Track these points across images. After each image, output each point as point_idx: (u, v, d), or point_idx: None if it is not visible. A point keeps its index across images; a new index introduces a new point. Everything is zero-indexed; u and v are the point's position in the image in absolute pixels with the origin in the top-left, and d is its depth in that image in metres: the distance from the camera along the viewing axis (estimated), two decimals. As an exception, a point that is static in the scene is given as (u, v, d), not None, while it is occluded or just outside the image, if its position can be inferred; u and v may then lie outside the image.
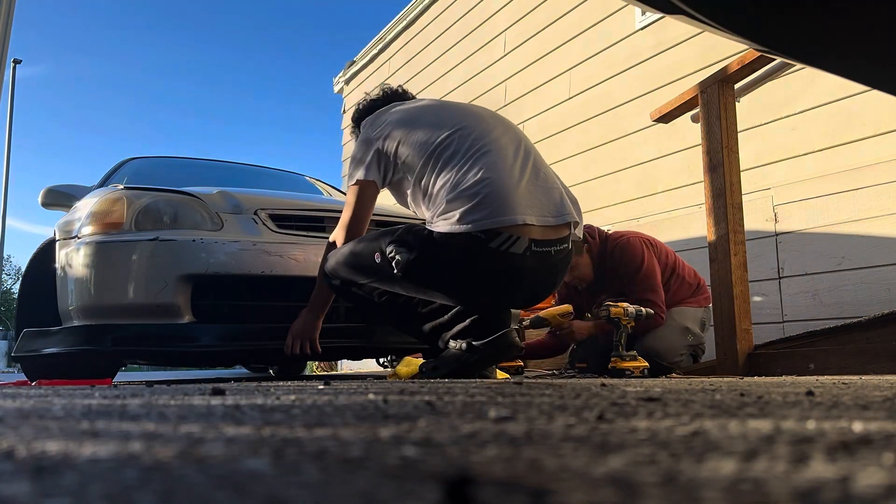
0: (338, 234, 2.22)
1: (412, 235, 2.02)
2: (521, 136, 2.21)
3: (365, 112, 2.39)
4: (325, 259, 2.20)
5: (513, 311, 2.44)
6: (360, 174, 2.19)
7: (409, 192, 2.20)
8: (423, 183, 2.09)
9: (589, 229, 3.00)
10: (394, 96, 2.43)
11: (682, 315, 2.98)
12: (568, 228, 2.07)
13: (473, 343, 1.98)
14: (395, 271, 1.99)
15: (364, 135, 2.24)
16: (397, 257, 1.98)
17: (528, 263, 1.97)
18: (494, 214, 1.90)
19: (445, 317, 2.09)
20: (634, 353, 2.64)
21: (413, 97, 2.48)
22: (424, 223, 2.09)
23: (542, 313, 2.91)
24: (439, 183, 2.03)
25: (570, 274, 2.87)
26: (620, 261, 2.92)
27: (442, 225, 1.96)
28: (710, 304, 3.08)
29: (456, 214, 1.93)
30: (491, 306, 2.09)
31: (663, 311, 2.88)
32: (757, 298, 3.41)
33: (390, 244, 2.01)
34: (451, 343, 2.04)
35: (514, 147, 2.09)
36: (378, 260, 2.03)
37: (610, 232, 3.14)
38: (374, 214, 2.33)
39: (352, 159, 2.26)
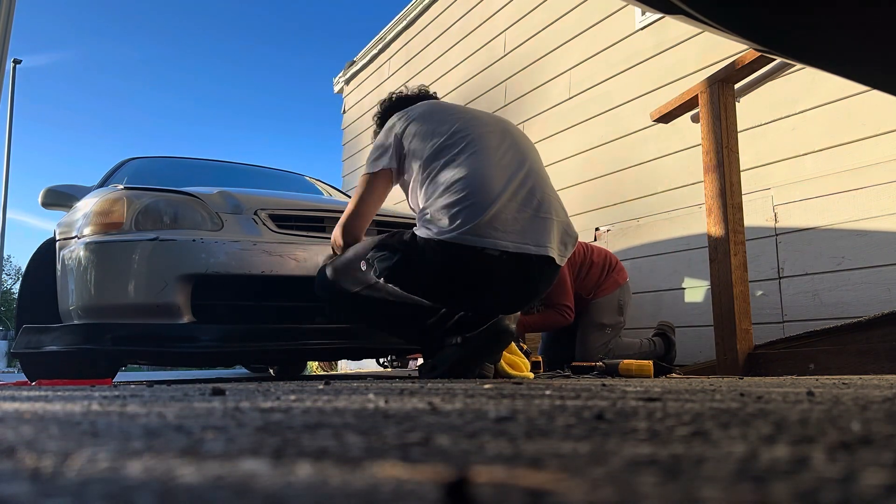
0: (339, 223, 2.21)
1: (395, 239, 2.06)
2: (529, 156, 2.17)
3: (393, 107, 2.39)
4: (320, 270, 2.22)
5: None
6: (376, 164, 2.18)
7: (409, 190, 2.20)
8: (419, 183, 2.11)
9: None
10: (425, 96, 2.44)
11: (597, 310, 3.22)
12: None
13: (467, 336, 1.99)
14: (379, 275, 2.03)
15: (389, 124, 2.23)
16: (381, 261, 2.03)
17: (506, 266, 1.98)
18: (471, 233, 1.92)
19: (435, 317, 2.09)
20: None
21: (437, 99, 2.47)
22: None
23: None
24: (428, 187, 2.06)
25: None
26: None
27: (423, 231, 2.00)
28: (626, 281, 3.38)
29: (437, 225, 1.97)
30: (470, 309, 2.09)
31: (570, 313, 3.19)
32: (758, 297, 3.41)
33: (373, 249, 2.06)
34: (446, 340, 2.04)
35: (515, 166, 2.07)
36: (363, 268, 2.07)
37: None
38: (375, 215, 2.33)
39: (373, 149, 2.25)
